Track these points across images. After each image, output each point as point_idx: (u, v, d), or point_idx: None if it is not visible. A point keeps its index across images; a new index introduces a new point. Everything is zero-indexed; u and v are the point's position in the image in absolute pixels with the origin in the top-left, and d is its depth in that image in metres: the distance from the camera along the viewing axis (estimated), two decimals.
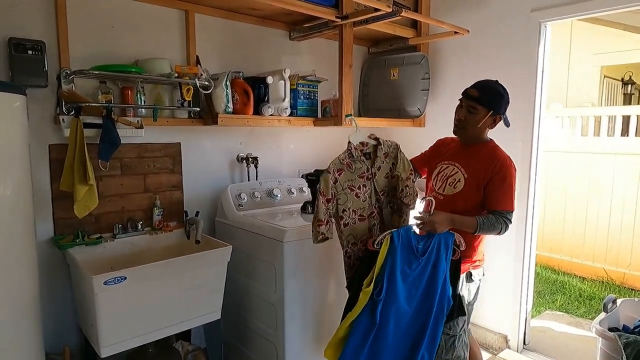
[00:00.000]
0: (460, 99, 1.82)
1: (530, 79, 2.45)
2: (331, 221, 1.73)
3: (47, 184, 1.87)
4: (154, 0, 2.08)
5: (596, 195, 4.35)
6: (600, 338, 2.15)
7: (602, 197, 4.31)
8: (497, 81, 1.80)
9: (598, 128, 4.79)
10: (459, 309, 1.77)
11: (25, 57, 1.72)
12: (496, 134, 1.86)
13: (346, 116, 1.80)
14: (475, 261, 1.85)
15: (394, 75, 2.91)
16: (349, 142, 1.75)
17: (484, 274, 1.92)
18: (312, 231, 1.71)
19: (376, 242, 1.65)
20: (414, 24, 2.78)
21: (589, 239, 4.41)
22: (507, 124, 1.81)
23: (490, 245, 2.52)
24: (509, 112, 1.82)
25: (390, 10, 2.13)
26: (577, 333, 3.06)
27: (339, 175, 1.73)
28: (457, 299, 1.76)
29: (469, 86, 1.81)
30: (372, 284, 1.62)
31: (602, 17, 4.99)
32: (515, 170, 1.77)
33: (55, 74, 1.81)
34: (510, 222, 1.75)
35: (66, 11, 1.84)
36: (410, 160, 1.91)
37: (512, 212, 1.76)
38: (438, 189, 1.86)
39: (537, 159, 2.52)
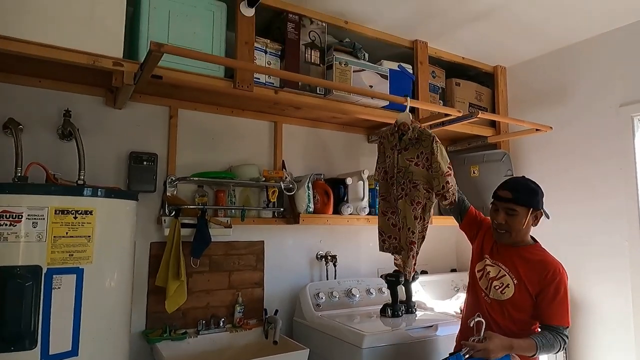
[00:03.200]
0: (492, 203, 1.75)
1: (629, 173, 2.26)
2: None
3: (145, 278, 2.04)
4: (250, 115, 2.36)
5: None
6: None
7: None
8: (524, 177, 1.80)
9: None
10: None
11: (141, 167, 2.01)
12: (599, 234, 1.70)
13: (404, 95, 2.05)
14: None
15: (474, 173, 2.87)
16: (396, 120, 1.96)
17: None
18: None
19: None
20: (493, 123, 2.80)
21: None
22: (547, 216, 1.75)
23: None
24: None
25: (460, 114, 2.20)
26: None
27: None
28: None
29: (498, 189, 1.75)
30: None
31: None
32: (567, 278, 1.63)
33: (162, 180, 2.07)
34: (567, 338, 1.57)
35: (177, 129, 2.16)
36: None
37: (568, 327, 1.58)
38: (485, 289, 1.74)
39: None
